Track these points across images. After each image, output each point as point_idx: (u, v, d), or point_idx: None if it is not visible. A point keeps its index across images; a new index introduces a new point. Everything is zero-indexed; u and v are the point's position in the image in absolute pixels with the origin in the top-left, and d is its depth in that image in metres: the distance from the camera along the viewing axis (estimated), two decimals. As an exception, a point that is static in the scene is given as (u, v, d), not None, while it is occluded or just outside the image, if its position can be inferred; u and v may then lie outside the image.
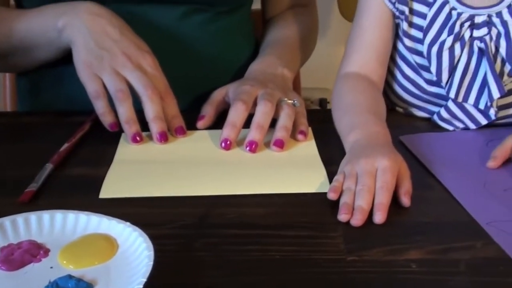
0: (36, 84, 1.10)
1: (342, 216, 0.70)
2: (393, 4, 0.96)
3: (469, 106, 0.93)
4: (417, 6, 0.94)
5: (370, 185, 0.73)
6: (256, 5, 1.23)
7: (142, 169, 0.83)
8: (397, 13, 0.96)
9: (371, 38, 0.98)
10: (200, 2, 1.05)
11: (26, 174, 0.79)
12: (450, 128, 0.95)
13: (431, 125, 0.98)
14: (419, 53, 0.95)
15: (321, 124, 0.94)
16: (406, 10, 0.95)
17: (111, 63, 0.89)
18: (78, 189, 0.78)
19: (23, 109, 1.15)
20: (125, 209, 0.73)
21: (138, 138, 0.88)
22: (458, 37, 0.91)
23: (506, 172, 0.82)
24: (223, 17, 1.09)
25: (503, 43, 0.90)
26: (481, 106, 0.92)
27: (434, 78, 0.94)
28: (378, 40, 0.97)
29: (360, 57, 0.98)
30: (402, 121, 1.00)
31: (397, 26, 0.98)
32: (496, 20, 0.90)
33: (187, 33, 1.05)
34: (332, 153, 0.86)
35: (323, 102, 2.09)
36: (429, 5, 0.93)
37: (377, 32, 0.97)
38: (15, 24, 0.98)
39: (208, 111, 0.95)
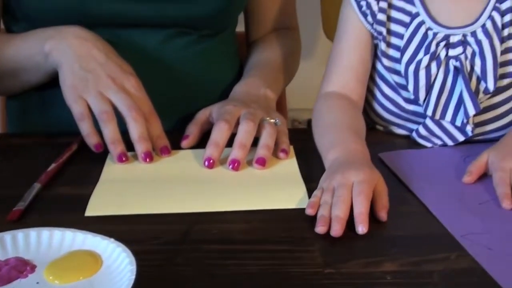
0: (25, 106, 1.12)
1: (319, 229, 0.73)
2: (371, 25, 0.99)
3: (446, 123, 0.95)
4: (394, 27, 0.97)
5: (345, 196, 0.76)
6: (241, 28, 1.26)
7: (127, 187, 0.85)
8: (375, 34, 0.99)
9: (350, 59, 1.00)
10: (184, 26, 1.07)
11: (14, 193, 0.81)
12: (428, 144, 0.98)
13: (410, 142, 1.00)
14: (397, 73, 0.98)
15: (305, 143, 0.96)
16: (384, 30, 0.97)
17: (96, 86, 0.91)
18: (65, 208, 0.81)
19: (12, 131, 1.16)
20: (110, 226, 0.75)
21: (123, 158, 0.90)
22: (434, 56, 0.94)
23: (481, 187, 0.85)
24: (207, 40, 1.11)
25: (478, 61, 0.93)
26: (458, 123, 0.95)
27: (412, 97, 0.97)
28: (358, 61, 1.00)
29: (340, 77, 1.01)
30: (381, 139, 1.03)
31: (375, 46, 1.01)
32: (470, 39, 0.93)
33: (172, 55, 1.08)
34: (313, 170, 0.89)
35: (311, 123, 2.11)
36: (406, 26, 0.96)
37: (356, 53, 1.00)
38: (3, 49, 1.00)
39: (192, 131, 0.97)
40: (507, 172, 0.83)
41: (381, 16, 0.97)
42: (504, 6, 0.93)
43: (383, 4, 0.97)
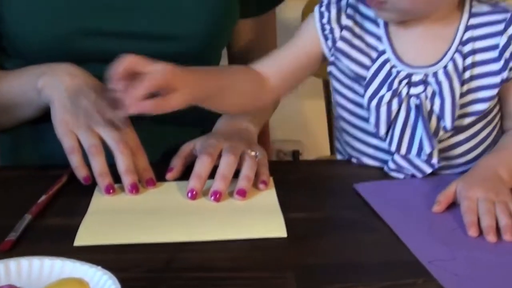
0: (17, 140, 1.16)
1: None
2: (329, 49, 1.03)
3: (413, 157, 0.98)
4: (361, 57, 1.01)
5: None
6: (224, 62, 1.31)
7: (114, 218, 0.89)
8: (331, 59, 1.03)
9: (289, 59, 1.05)
10: (169, 61, 1.11)
11: (6, 224, 0.85)
12: (401, 176, 1.01)
13: (383, 174, 1.02)
14: (362, 105, 1.01)
15: (285, 174, 1.02)
16: (345, 60, 1.01)
17: (86, 121, 0.96)
18: (55, 238, 0.84)
19: (4, 164, 1.20)
20: (98, 255, 0.78)
21: (111, 190, 0.94)
22: (396, 93, 0.97)
23: (450, 216, 0.89)
24: None
25: (437, 101, 0.96)
26: (423, 157, 0.97)
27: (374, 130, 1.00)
28: (295, 64, 1.05)
29: (270, 61, 1.05)
30: (356, 171, 1.05)
31: (329, 74, 1.05)
32: (431, 79, 0.97)
33: None
34: (291, 200, 0.93)
35: (295, 154, 2.16)
36: (372, 61, 1.00)
37: (298, 59, 1.05)
38: (7, 83, 1.05)
39: (177, 163, 1.01)
40: (474, 201, 0.87)
41: (341, 45, 1.01)
42: (466, 49, 0.97)
43: (347, 34, 1.01)
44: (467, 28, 0.98)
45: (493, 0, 1.00)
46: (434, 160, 0.98)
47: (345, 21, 1.01)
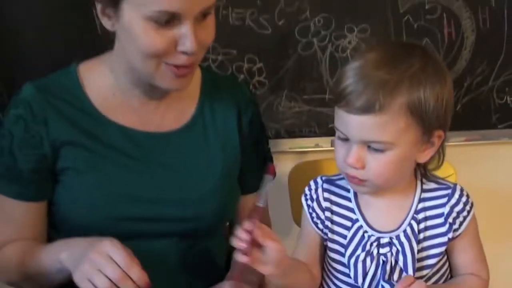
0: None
1: None
2: (321, 230, 1.27)
3: None
4: (338, 229, 1.26)
5: None
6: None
7: None
8: (325, 237, 1.27)
9: (311, 249, 1.29)
10: (189, 235, 1.36)
11: None
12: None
13: None
14: (341, 263, 1.25)
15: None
16: (329, 233, 1.26)
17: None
18: None
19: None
20: None
21: None
22: (369, 253, 1.20)
23: None
24: (206, 239, 1.40)
25: (401, 257, 1.19)
26: None
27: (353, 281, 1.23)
28: (310, 256, 1.30)
29: (309, 260, 1.28)
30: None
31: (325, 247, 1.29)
32: (395, 241, 1.20)
33: (176, 254, 1.35)
34: None
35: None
36: (348, 229, 1.24)
37: (306, 249, 1.30)
38: (43, 256, 1.26)
39: None
40: None
41: (328, 223, 1.26)
42: (420, 216, 1.22)
43: (328, 214, 1.26)
44: (420, 200, 1.23)
45: (437, 178, 1.28)
46: None
47: (324, 203, 1.27)
